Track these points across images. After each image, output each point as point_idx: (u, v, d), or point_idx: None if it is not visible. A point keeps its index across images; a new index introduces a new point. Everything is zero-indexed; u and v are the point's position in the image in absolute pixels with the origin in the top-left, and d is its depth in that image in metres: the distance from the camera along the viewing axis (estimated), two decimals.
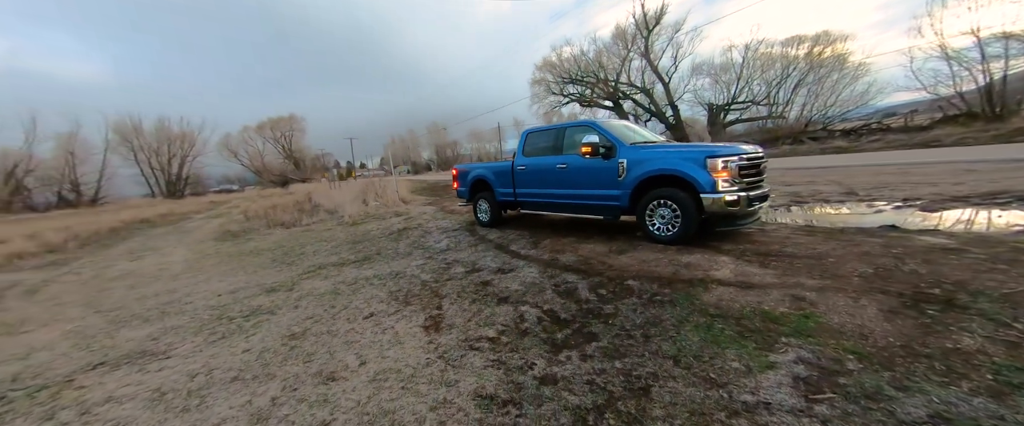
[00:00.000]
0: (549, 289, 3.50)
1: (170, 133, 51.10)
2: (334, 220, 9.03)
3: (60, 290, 5.21)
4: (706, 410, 1.76)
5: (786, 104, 30.20)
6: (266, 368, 2.32)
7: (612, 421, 1.73)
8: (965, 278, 2.61)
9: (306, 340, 2.71)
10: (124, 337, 3.09)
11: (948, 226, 4.32)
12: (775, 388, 1.85)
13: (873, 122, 24.66)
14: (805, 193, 7.57)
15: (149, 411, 1.93)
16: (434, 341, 2.63)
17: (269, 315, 3.29)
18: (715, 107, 34.32)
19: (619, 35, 36.50)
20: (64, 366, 2.60)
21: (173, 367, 2.42)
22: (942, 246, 3.42)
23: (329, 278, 4.32)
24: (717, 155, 3.88)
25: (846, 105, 27.13)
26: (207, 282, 4.78)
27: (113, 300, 4.35)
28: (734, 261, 3.53)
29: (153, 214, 18.54)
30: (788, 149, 23.69)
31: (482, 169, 6.59)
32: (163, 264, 6.37)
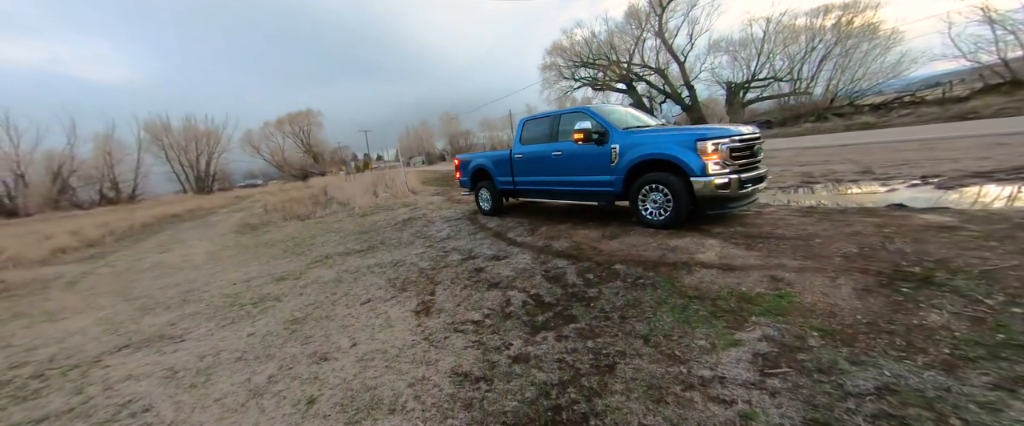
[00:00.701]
0: (539, 274, 3.60)
1: (197, 131, 53.02)
2: (345, 212, 9.34)
3: (96, 281, 5.65)
4: (664, 384, 1.84)
5: (811, 79, 28.80)
6: (267, 350, 2.52)
7: (574, 395, 1.84)
8: (949, 256, 2.57)
9: (306, 324, 2.92)
10: (147, 323, 3.38)
11: (959, 204, 4.19)
12: (733, 364, 1.92)
13: (905, 95, 23.34)
14: (818, 173, 7.36)
15: (162, 387, 2.16)
16: (422, 324, 2.78)
17: (276, 302, 3.53)
18: (734, 86, 33.05)
19: (632, 14, 35.32)
20: (94, 348, 2.89)
21: (187, 349, 2.67)
22: (939, 225, 3.33)
23: (334, 267, 4.55)
24: (707, 138, 3.85)
25: (876, 78, 25.61)
26: (224, 272, 5.10)
27: (141, 289, 4.72)
28: (721, 244, 3.54)
29: (182, 209, 19.51)
30: (810, 127, 22.76)
31: (482, 158, 6.67)
32: (187, 256, 6.79)
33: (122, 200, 43.39)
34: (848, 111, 24.38)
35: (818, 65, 28.16)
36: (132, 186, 47.20)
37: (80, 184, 44.57)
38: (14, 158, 39.92)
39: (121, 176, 46.63)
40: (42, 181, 41.14)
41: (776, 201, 5.44)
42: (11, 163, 39.80)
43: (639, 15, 34.90)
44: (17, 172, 40.25)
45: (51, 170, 42.06)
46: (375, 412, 1.74)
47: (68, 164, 43.23)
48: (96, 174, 45.19)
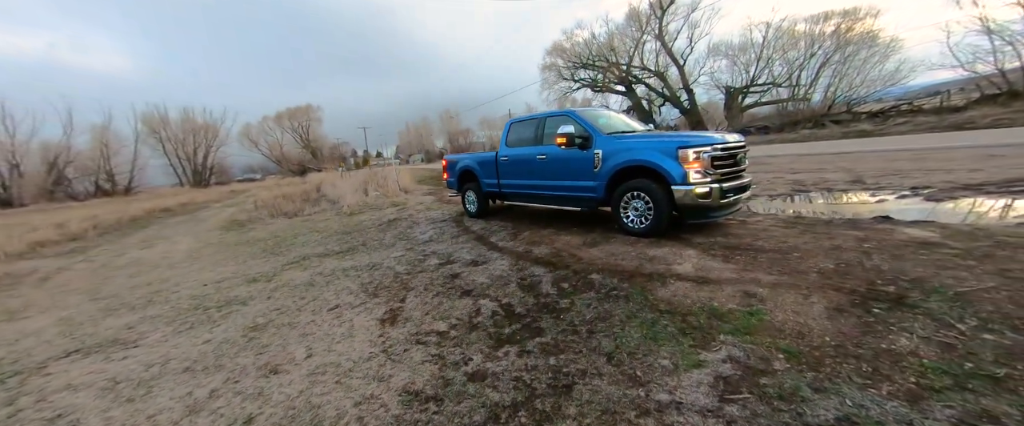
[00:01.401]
0: (514, 282, 3.50)
1: (194, 124, 52.66)
2: (334, 210, 9.22)
3: (70, 278, 5.53)
4: (619, 409, 1.75)
5: (810, 85, 28.73)
6: (219, 360, 2.41)
7: (524, 419, 1.74)
8: (926, 275, 2.49)
9: (266, 332, 2.81)
10: (106, 325, 3.26)
11: (945, 218, 4.13)
12: (693, 387, 1.83)
13: (903, 104, 23.34)
14: (810, 182, 7.30)
15: (99, 400, 2.04)
16: (385, 335, 2.68)
17: (241, 306, 3.41)
18: (733, 90, 33.03)
19: (633, 16, 35.26)
20: (43, 353, 2.77)
21: (136, 356, 2.55)
22: (920, 240, 3.25)
23: (309, 269, 4.44)
24: (688, 146, 3.76)
25: (874, 86, 25.59)
26: (199, 271, 4.98)
27: (111, 288, 4.59)
28: (699, 255, 3.45)
29: (175, 203, 19.31)
30: (808, 134, 22.74)
31: (469, 160, 6.57)
32: (167, 253, 6.66)
33: (118, 192, 43.16)
34: (845, 118, 24.38)
35: (817, 71, 28.13)
36: (128, 178, 46.95)
37: (76, 175, 44.30)
38: (9, 148, 39.66)
39: (118, 168, 46.40)
40: (38, 172, 40.84)
41: (765, 210, 5.37)
42: (6, 153, 39.55)
43: (640, 17, 34.83)
44: (12, 162, 39.98)
45: (47, 160, 41.81)
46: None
47: (64, 155, 42.98)
48: (92, 165, 44.91)
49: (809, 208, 5.27)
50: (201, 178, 52.07)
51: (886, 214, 4.45)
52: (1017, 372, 1.60)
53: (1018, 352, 1.71)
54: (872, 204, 5.19)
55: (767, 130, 27.15)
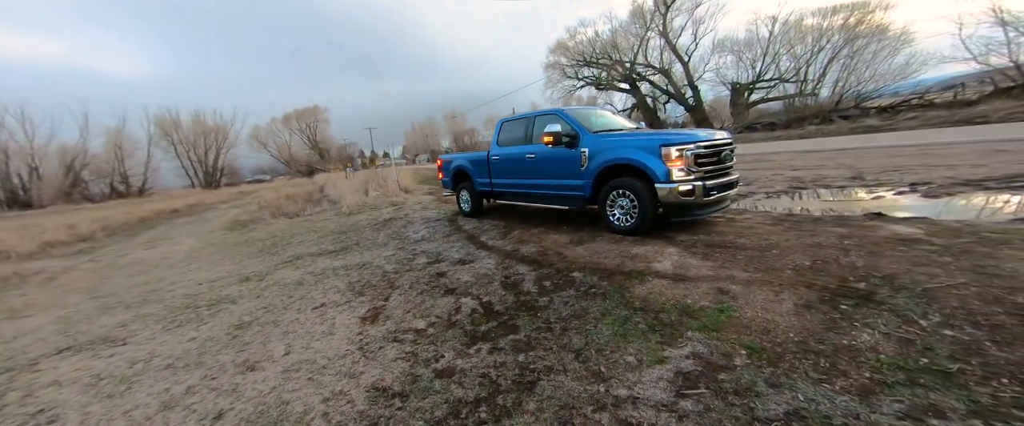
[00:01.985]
0: (497, 281, 3.54)
1: (205, 126, 53.46)
2: (334, 210, 9.33)
3: (74, 277, 5.67)
4: (577, 404, 1.77)
5: (817, 81, 28.23)
6: (200, 357, 2.48)
7: (484, 414, 1.78)
8: (899, 271, 2.47)
9: (250, 330, 2.87)
10: (100, 323, 3.36)
11: (936, 214, 4.09)
12: (653, 383, 1.84)
13: (913, 98, 22.84)
14: (809, 178, 7.23)
15: (82, 395, 2.12)
16: (363, 333, 2.73)
17: (230, 304, 3.49)
18: (738, 86, 32.70)
19: (637, 13, 35.03)
20: (37, 350, 2.86)
21: (123, 353, 2.63)
22: (903, 237, 3.22)
23: (301, 268, 4.51)
24: (671, 143, 3.75)
25: (884, 80, 25.04)
26: (197, 271, 5.09)
27: (110, 287, 4.71)
28: (680, 253, 3.45)
29: (183, 205, 19.66)
30: (814, 129, 22.40)
31: (462, 159, 6.61)
32: (168, 253, 6.80)
33: (132, 194, 44.11)
34: (854, 114, 23.92)
35: (825, 66, 27.63)
36: (142, 180, 47.90)
37: (92, 178, 45.40)
38: (29, 151, 40.83)
39: (132, 170, 47.43)
40: (56, 174, 41.91)
41: (759, 207, 5.34)
42: (26, 156, 40.71)
43: (644, 14, 34.54)
44: (32, 165, 41.12)
45: (64, 163, 42.92)
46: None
47: (80, 158, 44.07)
48: (107, 168, 45.97)
49: (802, 205, 5.23)
50: (212, 180, 52.85)
51: (878, 211, 4.41)
52: (970, 367, 1.60)
53: (974, 348, 1.70)
54: (866, 201, 5.14)
55: (774, 126, 26.79)
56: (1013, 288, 2.08)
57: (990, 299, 2.02)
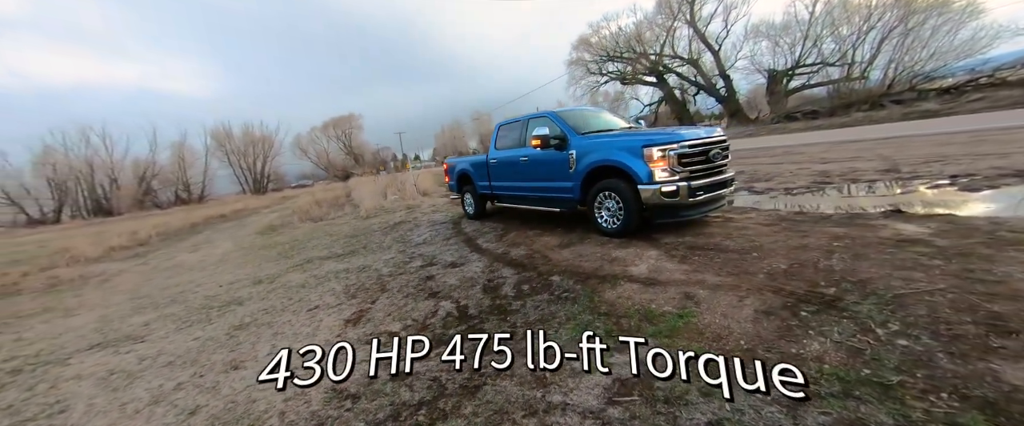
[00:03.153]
0: (480, 284, 3.59)
1: (253, 137, 57.35)
2: (354, 214, 9.75)
3: (125, 279, 6.31)
4: (511, 410, 1.81)
5: (868, 62, 25.81)
6: (198, 355, 2.72)
7: (422, 417, 1.84)
8: (876, 276, 2.30)
9: (247, 331, 3.10)
10: (130, 322, 3.74)
11: (967, 209, 3.75)
12: (589, 389, 1.85)
13: (981, 77, 20.38)
14: (837, 172, 6.76)
15: (93, 388, 2.39)
16: (342, 335, 2.87)
17: (238, 306, 3.77)
18: (775, 73, 30.78)
19: (663, 2, 33.88)
20: (74, 346, 3.24)
21: (137, 351, 2.93)
22: (902, 237, 2.98)
23: (308, 271, 4.78)
24: (653, 143, 3.66)
25: (945, 58, 22.15)
26: (222, 274, 5.51)
27: (149, 289, 5.21)
28: (659, 256, 3.36)
29: (230, 210, 21.19)
30: (862, 116, 20.68)
31: (466, 163, 6.71)
32: (206, 257, 7.40)
33: (193, 200, 48.27)
34: (908, 97, 21.79)
35: (876, 47, 25.21)
36: (201, 188, 52.22)
37: (160, 187, 50.12)
38: (110, 165, 45.77)
39: (193, 179, 51.88)
40: (131, 184, 46.67)
41: (767, 205, 5.07)
42: (107, 169, 45.65)
43: (670, 3, 33.27)
44: (111, 177, 46.05)
45: (137, 175, 47.72)
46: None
47: (150, 169, 48.86)
48: (173, 178, 50.63)
49: (817, 203, 4.89)
50: (260, 186, 56.53)
51: (897, 208, 4.09)
52: (912, 380, 1.49)
53: (925, 359, 1.58)
54: (892, 196, 4.75)
55: (816, 114, 25.00)
56: (993, 295, 1.89)
57: (963, 307, 1.85)
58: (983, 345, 1.58)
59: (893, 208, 4.12)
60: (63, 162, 43.48)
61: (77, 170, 44.07)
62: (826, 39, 27.79)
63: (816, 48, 28.41)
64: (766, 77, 31.64)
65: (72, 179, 43.86)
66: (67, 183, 43.66)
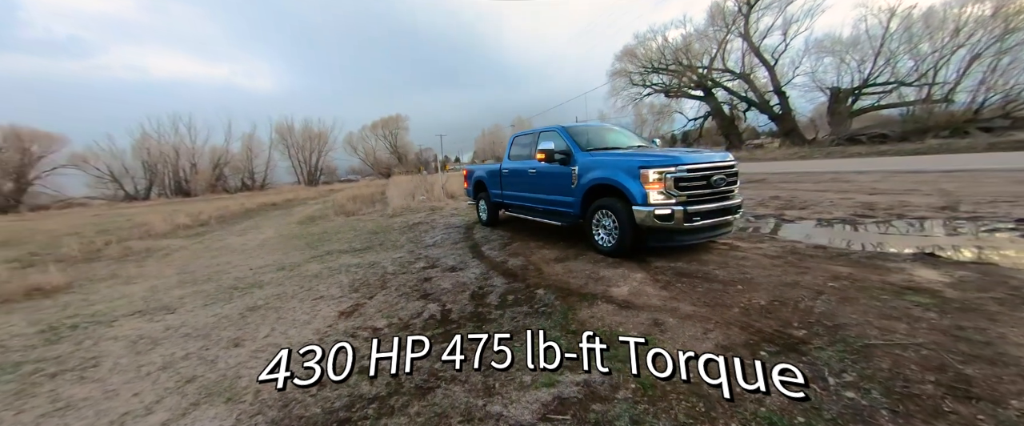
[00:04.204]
0: (470, 291, 3.72)
1: (311, 132, 61.98)
2: (382, 212, 10.29)
3: (181, 255, 7.11)
4: (451, 415, 1.90)
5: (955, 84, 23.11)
6: (211, 330, 3.06)
7: (371, 411, 1.98)
8: (853, 322, 2.15)
9: (257, 313, 3.44)
10: (170, 294, 4.25)
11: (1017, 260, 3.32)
12: (528, 404, 1.90)
13: None
14: (884, 205, 6.18)
15: (124, 349, 2.77)
16: (333, 326, 3.10)
17: (258, 289, 4.17)
18: (839, 91, 28.38)
19: (716, 13, 32.52)
20: (122, 311, 3.75)
21: (166, 321, 3.35)
22: (913, 284, 2.74)
23: (325, 263, 5.16)
24: (650, 165, 3.61)
25: None
26: (256, 258, 6.07)
27: (195, 266, 5.85)
28: (644, 279, 3.31)
29: (281, 199, 23.02)
30: (938, 144, 18.56)
31: (482, 170, 6.91)
32: (249, 241, 8.14)
33: (255, 188, 53.03)
34: (1001, 125, 19.30)
35: (965, 67, 22.56)
36: (263, 177, 57.23)
37: (230, 174, 55.55)
38: (191, 151, 51.62)
39: (257, 168, 57.05)
40: (206, 170, 52.17)
41: (787, 235, 4.75)
42: (189, 155, 51.50)
43: (724, 14, 31.78)
44: (192, 162, 51.84)
45: (213, 161, 53.30)
46: (215, 399, 2.09)
47: (223, 157, 54.34)
48: (241, 166, 55.97)
49: (843, 238, 4.52)
50: (312, 178, 60.77)
51: (933, 251, 3.73)
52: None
53: (865, 415, 1.49)
54: (933, 237, 4.28)
55: (884, 138, 22.75)
56: (972, 357, 1.72)
57: (932, 366, 1.70)
58: (934, 408, 1.46)
59: (927, 251, 3.75)
60: (156, 147, 49.55)
61: (166, 154, 50.00)
62: (902, 57, 25.20)
63: (889, 66, 25.89)
64: (828, 95, 29.27)
65: (161, 162, 49.82)
66: (157, 165, 49.65)
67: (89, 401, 2.13)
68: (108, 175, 46.94)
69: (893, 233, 4.65)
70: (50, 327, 3.42)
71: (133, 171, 48.67)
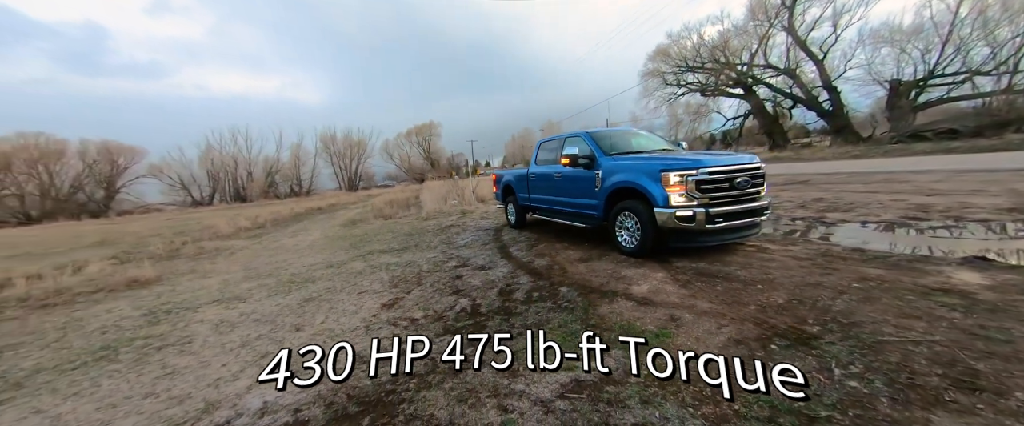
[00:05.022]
0: (498, 287, 3.98)
1: (351, 140, 65.55)
2: (416, 216, 10.85)
3: (244, 254, 7.95)
4: (480, 389, 2.15)
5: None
6: (277, 316, 3.53)
7: (413, 384, 2.29)
8: (871, 320, 2.17)
9: (312, 303, 3.89)
10: (240, 287, 4.85)
11: None
12: (548, 384, 2.11)
13: None
14: (941, 207, 5.79)
15: (209, 330, 3.27)
16: (377, 316, 3.47)
17: (311, 283, 4.67)
18: (901, 85, 26.02)
19: (757, 8, 31.03)
20: (203, 300, 4.35)
21: (239, 308, 3.87)
22: (942, 286, 2.68)
23: (368, 261, 5.63)
24: (671, 168, 3.71)
25: None
26: (307, 256, 6.69)
27: (256, 263, 6.55)
28: (664, 278, 3.42)
29: (325, 204, 24.64)
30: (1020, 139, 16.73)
31: (510, 175, 7.18)
32: (299, 242, 8.91)
33: (302, 193, 56.94)
34: None
35: None
36: (309, 183, 61.32)
37: (280, 181, 60.05)
38: (247, 161, 56.44)
39: (304, 175, 61.24)
40: (260, 178, 56.77)
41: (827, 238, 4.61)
42: (246, 164, 56.35)
43: (766, 8, 30.20)
44: (248, 171, 56.61)
45: (266, 170, 57.93)
46: None
47: (275, 166, 58.86)
48: (289, 173, 60.38)
49: (885, 240, 4.34)
50: (352, 184, 64.09)
51: (984, 254, 3.57)
52: (840, 418, 1.52)
53: (865, 401, 1.57)
54: (990, 241, 4.04)
55: (954, 134, 20.72)
56: (987, 354, 1.74)
57: (942, 360, 1.74)
58: (935, 397, 1.53)
59: (978, 255, 3.58)
60: (218, 157, 54.54)
61: (226, 164, 54.93)
62: (976, 44, 22.74)
63: (960, 55, 23.47)
64: (887, 89, 26.91)
65: (223, 171, 54.77)
66: (219, 174, 54.62)
67: (189, 368, 2.59)
68: (179, 183, 52.36)
69: (943, 236, 4.40)
70: (150, 311, 4.06)
71: (199, 179, 54.01)
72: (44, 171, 43.09)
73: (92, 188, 46.05)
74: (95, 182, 46.13)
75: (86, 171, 45.72)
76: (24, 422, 2.11)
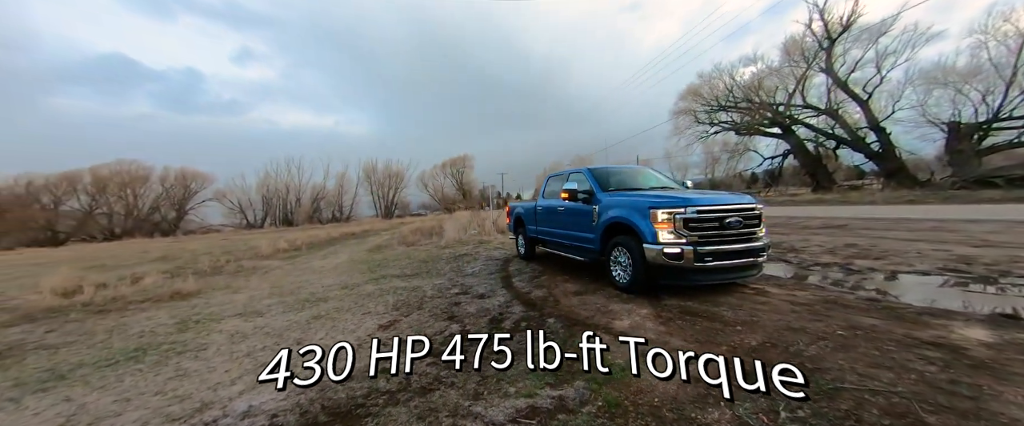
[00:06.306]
0: (491, 315, 4.09)
1: (391, 170, 69.45)
2: (435, 244, 11.23)
3: (275, 274, 8.57)
4: (442, 410, 2.26)
5: None
6: (285, 332, 3.82)
7: (381, 401, 2.44)
8: (838, 368, 2.09)
9: (319, 320, 4.18)
10: (262, 302, 5.28)
11: None
12: (506, 409, 2.19)
13: None
14: (988, 259, 5.21)
15: (224, 339, 3.62)
16: (372, 335, 3.70)
17: (323, 302, 5.00)
18: (961, 127, 24.20)
19: (793, 49, 30.68)
20: (228, 312, 4.78)
21: (256, 322, 4.22)
22: (934, 341, 2.52)
23: (379, 284, 5.93)
24: (659, 206, 3.77)
25: None
26: (329, 278, 7.12)
27: (284, 283, 7.06)
28: (648, 314, 3.40)
29: (359, 230, 25.96)
30: None
31: (521, 207, 7.41)
32: (327, 264, 9.48)
33: (342, 219, 60.34)
34: None
35: None
36: (350, 210, 64.96)
37: (325, 207, 64.16)
38: (297, 188, 61.11)
39: (346, 203, 65.13)
40: (307, 204, 61.01)
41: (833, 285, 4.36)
42: (296, 191, 60.98)
43: (803, 50, 29.81)
44: (297, 197, 61.15)
45: (312, 196, 62.26)
46: None
47: (321, 192, 63.18)
48: (333, 200, 64.49)
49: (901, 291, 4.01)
50: (388, 212, 67.03)
51: (1015, 313, 3.29)
52: None
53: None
54: None
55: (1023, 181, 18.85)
56: (944, 408, 1.65)
57: (896, 412, 1.66)
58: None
59: (1007, 312, 3.29)
60: (273, 184, 59.47)
61: (279, 191, 59.68)
62: None
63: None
64: (945, 131, 25.01)
65: (275, 197, 59.46)
66: (272, 199, 59.30)
67: (197, 372, 2.89)
68: (237, 207, 57.25)
69: (976, 290, 4.03)
70: (182, 320, 4.52)
71: (255, 204, 58.87)
72: (131, 193, 48.89)
73: (166, 209, 51.47)
74: (169, 204, 51.52)
75: (163, 194, 51.37)
76: (55, 407, 2.46)
